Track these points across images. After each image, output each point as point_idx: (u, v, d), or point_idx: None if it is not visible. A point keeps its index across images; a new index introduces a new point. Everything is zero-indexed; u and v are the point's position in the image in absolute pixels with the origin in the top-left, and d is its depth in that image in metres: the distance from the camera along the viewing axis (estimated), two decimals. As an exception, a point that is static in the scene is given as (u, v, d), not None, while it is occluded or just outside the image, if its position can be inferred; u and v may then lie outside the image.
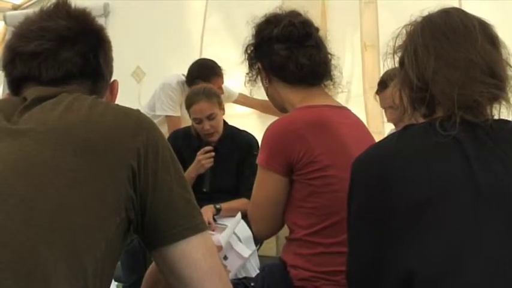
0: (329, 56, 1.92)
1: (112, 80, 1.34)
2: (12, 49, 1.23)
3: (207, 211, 2.95)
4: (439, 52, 1.26)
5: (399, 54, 1.35)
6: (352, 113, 1.98)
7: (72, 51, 1.22)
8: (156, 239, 1.14)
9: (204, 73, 3.71)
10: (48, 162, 1.04)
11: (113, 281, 2.22)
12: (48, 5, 1.26)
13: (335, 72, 1.93)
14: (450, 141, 1.19)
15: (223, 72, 3.77)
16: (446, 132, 1.20)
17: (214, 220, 3.00)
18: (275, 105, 2.00)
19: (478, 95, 1.23)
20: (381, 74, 2.94)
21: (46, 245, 0.98)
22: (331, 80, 1.92)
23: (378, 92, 2.89)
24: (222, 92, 3.60)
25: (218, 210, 3.01)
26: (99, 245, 1.04)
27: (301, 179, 1.77)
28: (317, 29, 1.93)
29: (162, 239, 1.13)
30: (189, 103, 3.16)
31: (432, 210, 1.15)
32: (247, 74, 1.98)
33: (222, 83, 3.79)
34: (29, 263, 0.96)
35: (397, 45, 1.35)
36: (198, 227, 1.15)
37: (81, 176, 1.05)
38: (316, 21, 1.99)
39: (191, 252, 1.13)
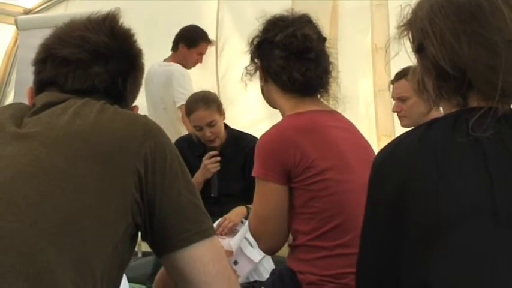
0: (330, 67, 1.90)
1: (133, 105, 1.33)
2: (48, 49, 1.23)
3: (239, 214, 2.94)
4: (472, 36, 1.12)
5: (411, 37, 1.21)
6: (343, 117, 1.96)
7: (104, 69, 1.22)
8: (164, 245, 1.14)
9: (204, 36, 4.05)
10: (57, 166, 1.05)
11: (127, 282, 2.23)
12: (97, 14, 1.26)
13: (332, 85, 1.91)
14: (476, 153, 1.08)
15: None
16: (478, 133, 1.08)
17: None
18: (268, 102, 2.01)
19: None
20: (391, 76, 2.92)
21: (54, 248, 0.99)
22: (327, 92, 1.90)
23: (393, 82, 2.83)
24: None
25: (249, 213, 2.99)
26: (107, 249, 1.05)
27: (299, 186, 1.76)
28: (323, 39, 1.91)
29: (171, 244, 1.13)
30: (189, 111, 3.18)
31: (445, 235, 1.07)
32: (246, 67, 1.98)
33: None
34: (38, 266, 0.97)
35: (403, 27, 1.22)
36: (207, 232, 1.15)
37: (89, 181, 1.06)
38: (325, 25, 1.96)
39: (199, 257, 1.14)
